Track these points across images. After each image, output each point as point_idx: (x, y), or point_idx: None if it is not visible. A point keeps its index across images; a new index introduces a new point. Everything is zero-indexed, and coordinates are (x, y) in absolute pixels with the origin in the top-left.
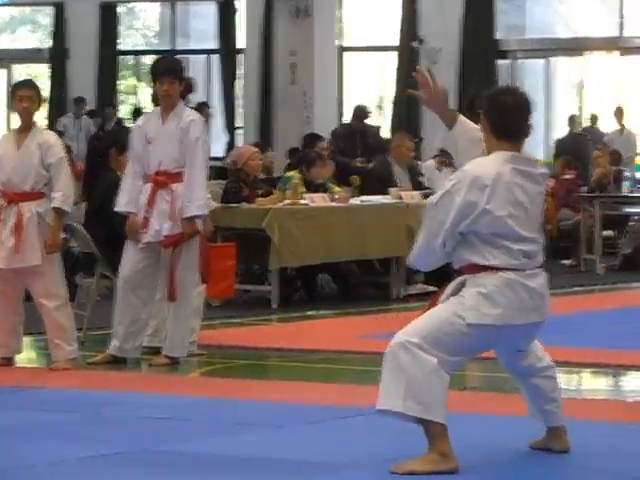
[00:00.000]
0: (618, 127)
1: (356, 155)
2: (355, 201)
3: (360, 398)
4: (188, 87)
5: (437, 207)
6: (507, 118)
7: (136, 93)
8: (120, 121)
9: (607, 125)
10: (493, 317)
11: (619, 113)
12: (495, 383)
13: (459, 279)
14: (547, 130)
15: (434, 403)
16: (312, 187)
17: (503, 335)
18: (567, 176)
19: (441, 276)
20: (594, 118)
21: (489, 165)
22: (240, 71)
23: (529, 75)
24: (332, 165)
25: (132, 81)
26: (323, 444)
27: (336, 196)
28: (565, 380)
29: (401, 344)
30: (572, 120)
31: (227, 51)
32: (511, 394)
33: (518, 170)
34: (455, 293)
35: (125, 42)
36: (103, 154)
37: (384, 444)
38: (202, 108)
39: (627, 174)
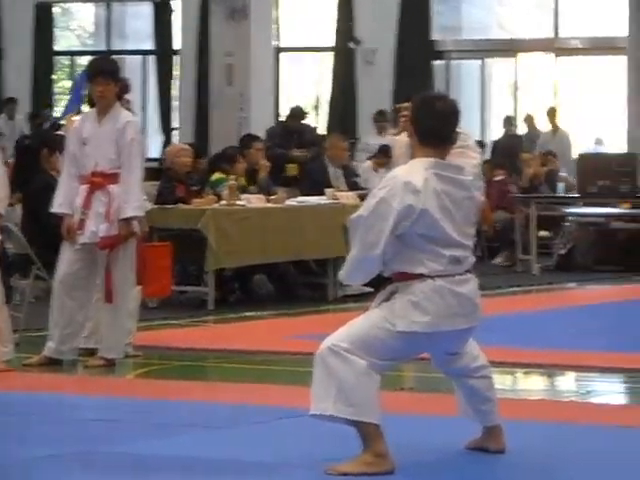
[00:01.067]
0: (551, 128)
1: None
2: (292, 202)
3: (298, 399)
4: (124, 88)
5: (371, 218)
6: (434, 125)
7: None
8: (57, 122)
9: (543, 126)
10: (421, 325)
11: (552, 113)
12: (431, 383)
13: (390, 287)
14: (482, 131)
15: (366, 404)
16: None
17: (433, 341)
18: (497, 178)
19: (377, 277)
20: (530, 119)
21: (415, 171)
22: (176, 72)
23: (464, 76)
24: (268, 166)
25: (67, 82)
26: (261, 445)
27: (272, 197)
28: (500, 380)
29: (329, 349)
30: (508, 121)
31: (163, 52)
32: (447, 394)
33: (440, 176)
34: (387, 300)
35: (60, 43)
36: (34, 154)
37: (322, 445)
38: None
39: (562, 174)
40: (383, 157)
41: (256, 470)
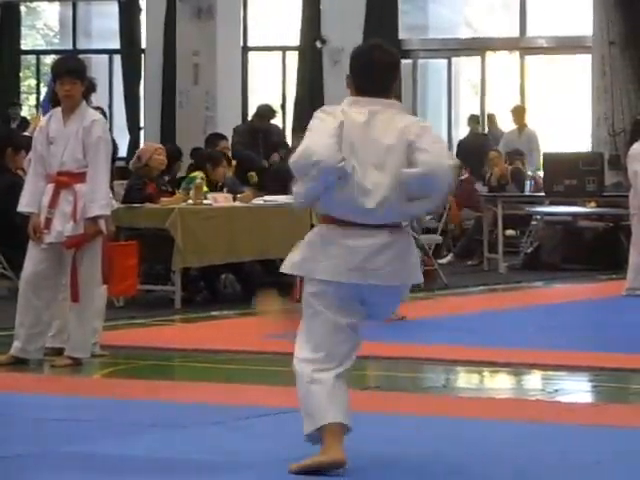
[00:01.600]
0: (515, 126)
1: (258, 153)
2: (258, 201)
3: (264, 398)
4: (90, 87)
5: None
6: (365, 73)
7: (38, 93)
8: (25, 121)
9: (508, 124)
10: (294, 265)
11: (517, 112)
12: (397, 382)
13: None
14: (450, 130)
15: (316, 411)
16: (216, 187)
17: (338, 294)
18: (462, 176)
19: None
20: (491, 118)
21: (338, 107)
22: (143, 71)
23: (431, 75)
24: (233, 164)
25: (33, 81)
26: (227, 444)
27: (239, 195)
28: (467, 379)
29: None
30: (472, 120)
31: (129, 51)
32: (413, 393)
33: (358, 110)
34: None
35: (26, 42)
36: None
37: (288, 444)
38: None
39: (530, 173)
40: None
41: (223, 469)
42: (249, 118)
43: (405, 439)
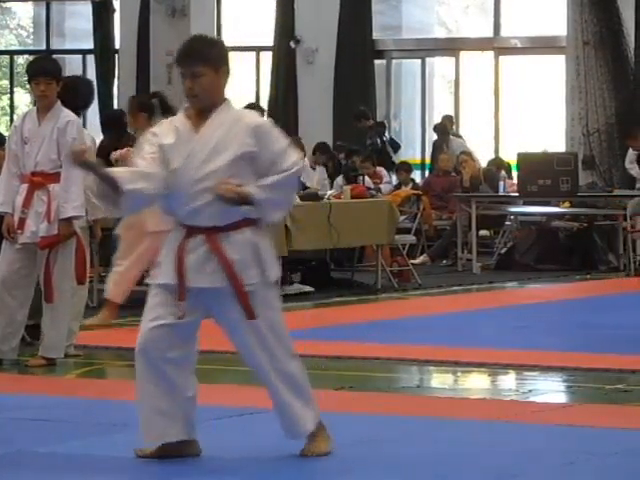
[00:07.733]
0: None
1: None
2: None
3: (237, 398)
4: (89, 93)
5: None
6: None
7: (12, 93)
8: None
9: (483, 123)
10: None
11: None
12: (371, 382)
13: None
14: (423, 130)
15: None
16: None
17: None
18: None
19: (321, 275)
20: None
21: None
22: (117, 71)
23: (405, 75)
24: None
25: (6, 82)
26: (201, 444)
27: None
28: (441, 379)
29: None
30: (446, 120)
31: (103, 51)
32: (387, 393)
33: None
34: None
35: None
36: None
37: (262, 445)
38: None
39: (504, 174)
40: (321, 155)
41: (196, 469)
42: None
43: (379, 439)
